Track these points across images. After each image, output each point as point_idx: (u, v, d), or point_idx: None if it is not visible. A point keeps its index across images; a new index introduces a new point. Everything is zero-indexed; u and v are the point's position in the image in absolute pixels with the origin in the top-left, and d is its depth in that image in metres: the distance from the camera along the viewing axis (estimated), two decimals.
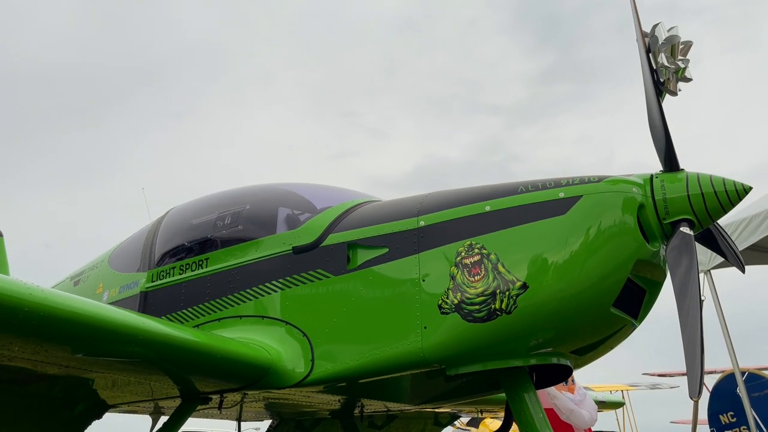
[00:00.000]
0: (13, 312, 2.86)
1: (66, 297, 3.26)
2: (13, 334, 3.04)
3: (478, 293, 3.63)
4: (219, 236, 4.89)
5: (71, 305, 3.20)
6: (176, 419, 4.42)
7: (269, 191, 5.20)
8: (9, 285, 2.91)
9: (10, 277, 2.99)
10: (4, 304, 2.83)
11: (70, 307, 3.17)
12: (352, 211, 4.46)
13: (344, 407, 5.52)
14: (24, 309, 2.89)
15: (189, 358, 3.84)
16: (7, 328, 2.95)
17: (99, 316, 3.38)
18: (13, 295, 2.87)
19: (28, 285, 3.00)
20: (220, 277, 4.70)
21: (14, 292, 2.89)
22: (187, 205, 5.56)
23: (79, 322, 3.23)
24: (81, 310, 3.26)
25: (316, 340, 4.06)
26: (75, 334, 3.27)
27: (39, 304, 2.95)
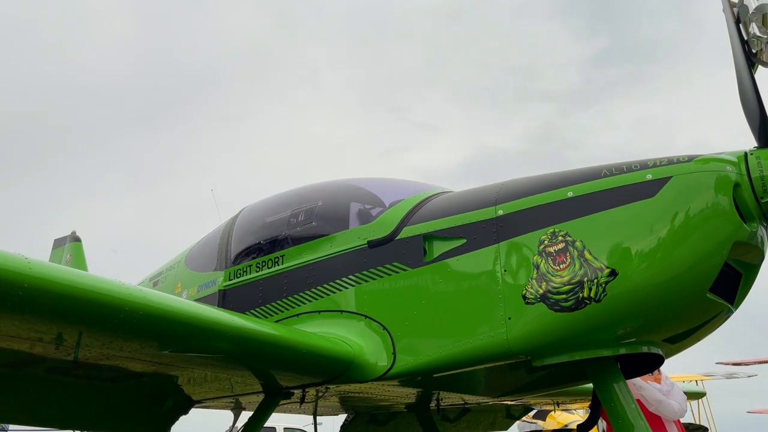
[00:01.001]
0: (116, 311, 2.96)
1: (160, 295, 3.36)
2: (113, 332, 3.15)
3: (565, 282, 3.53)
4: (293, 233, 4.94)
5: (166, 303, 3.29)
6: (260, 414, 4.50)
7: (340, 187, 5.22)
8: (110, 285, 3.02)
9: (111, 279, 3.10)
10: (108, 303, 2.94)
11: (164, 305, 3.26)
12: (425, 203, 4.42)
13: (420, 401, 5.50)
14: (125, 308, 2.99)
15: (272, 352, 3.88)
16: (109, 326, 3.06)
17: (188, 313, 3.45)
18: (114, 295, 2.97)
19: (128, 285, 3.10)
20: (296, 273, 4.75)
21: (115, 292, 2.99)
22: (259, 204, 5.65)
23: (171, 319, 3.31)
24: (174, 308, 3.34)
25: (396, 334, 4.04)
26: (166, 330, 3.34)
27: (137, 303, 3.05)
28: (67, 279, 2.85)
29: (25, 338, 3.17)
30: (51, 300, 2.79)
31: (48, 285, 2.75)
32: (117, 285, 3.07)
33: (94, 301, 2.92)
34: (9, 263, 2.65)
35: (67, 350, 3.33)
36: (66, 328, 3.05)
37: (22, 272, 2.67)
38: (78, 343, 3.15)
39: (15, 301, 2.68)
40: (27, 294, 2.68)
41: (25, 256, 2.74)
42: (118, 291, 3.02)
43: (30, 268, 2.70)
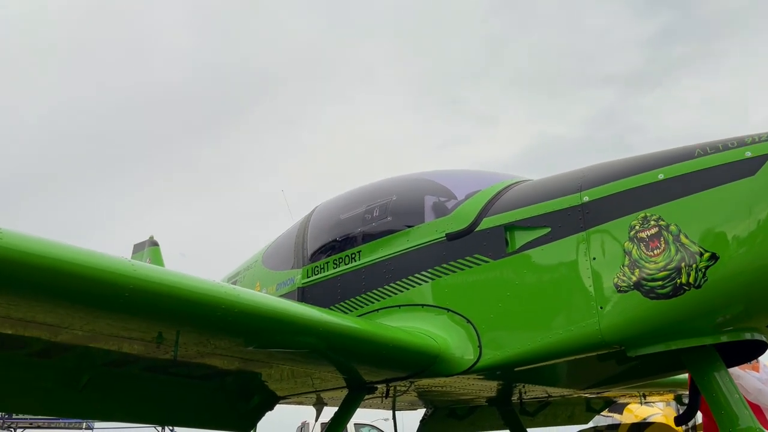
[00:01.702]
0: (213, 309, 3.04)
1: (251, 293, 3.44)
2: (209, 329, 3.24)
3: (660, 268, 3.38)
4: (369, 229, 4.96)
5: (257, 300, 3.36)
6: (345, 410, 4.54)
7: (413, 181, 5.20)
8: (208, 285, 3.11)
9: (207, 279, 3.18)
10: (206, 302, 3.02)
11: (256, 302, 3.33)
12: (504, 193, 4.34)
13: (503, 394, 5.42)
14: (221, 306, 3.07)
15: (357, 347, 3.90)
16: (206, 324, 3.15)
17: (278, 309, 3.50)
18: (211, 294, 3.06)
19: (223, 284, 3.19)
20: (374, 268, 4.76)
21: (212, 291, 3.08)
22: (332, 201, 5.70)
23: (262, 316, 3.36)
24: (264, 304, 3.41)
25: (481, 326, 3.99)
26: (257, 326, 3.39)
27: (232, 302, 3.12)
28: (169, 280, 2.95)
29: (128, 338, 3.31)
30: (154, 300, 2.89)
31: (152, 286, 2.85)
32: (214, 284, 3.16)
33: (194, 300, 3.01)
34: (116, 266, 2.76)
35: (166, 349, 3.45)
36: (166, 327, 3.16)
37: (128, 274, 2.77)
38: (176, 341, 3.25)
39: (122, 302, 2.79)
40: (132, 295, 2.79)
41: (130, 260, 2.85)
42: (215, 290, 3.11)
43: (135, 270, 2.81)
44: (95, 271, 2.69)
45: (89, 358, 3.79)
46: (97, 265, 2.71)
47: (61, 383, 4.08)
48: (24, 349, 3.58)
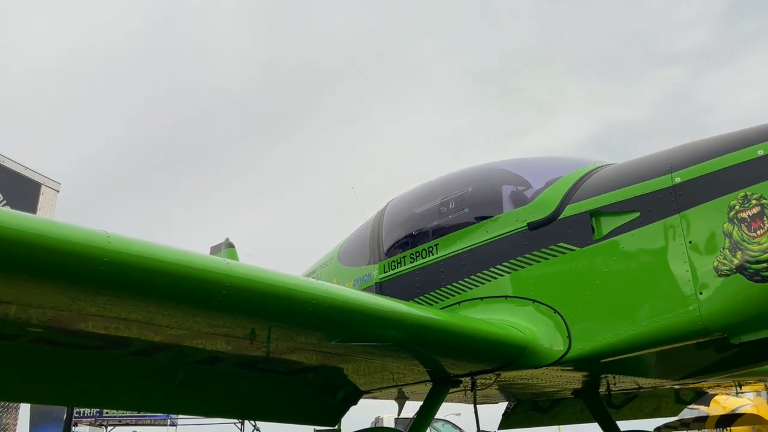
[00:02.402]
0: (304, 305, 3.09)
1: (338, 288, 3.47)
2: (301, 325, 3.29)
3: (764, 249, 3.19)
4: (445, 222, 4.92)
5: (344, 295, 3.39)
6: (430, 403, 4.52)
7: (488, 171, 5.12)
8: (300, 281, 3.17)
9: (297, 276, 3.24)
10: (298, 298, 3.07)
11: (344, 297, 3.35)
12: (586, 179, 4.20)
13: (590, 386, 5.27)
14: (312, 302, 3.11)
15: (442, 339, 3.87)
16: (298, 319, 3.20)
17: (365, 303, 3.52)
18: (303, 290, 3.11)
19: (312, 281, 3.23)
20: (452, 261, 4.72)
21: (303, 287, 3.13)
22: (404, 195, 5.70)
23: (350, 309, 3.39)
24: (351, 299, 3.43)
25: (570, 317, 3.89)
26: (345, 320, 3.41)
27: (322, 297, 3.16)
28: (262, 277, 3.01)
29: (223, 335, 3.41)
30: (248, 297, 2.96)
31: (246, 284, 2.92)
32: (305, 280, 3.21)
33: (287, 296, 3.06)
34: (213, 266, 2.85)
35: (258, 345, 3.54)
36: (259, 324, 3.23)
37: (224, 273, 2.85)
38: (268, 337, 3.32)
39: (219, 300, 2.87)
40: (229, 293, 2.86)
41: (225, 259, 2.93)
42: (306, 286, 3.16)
43: (230, 268, 2.88)
44: (195, 270, 2.77)
45: (185, 355, 3.93)
46: (197, 264, 2.80)
47: (158, 381, 4.26)
48: (125, 348, 3.75)
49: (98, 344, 3.66)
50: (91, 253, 2.52)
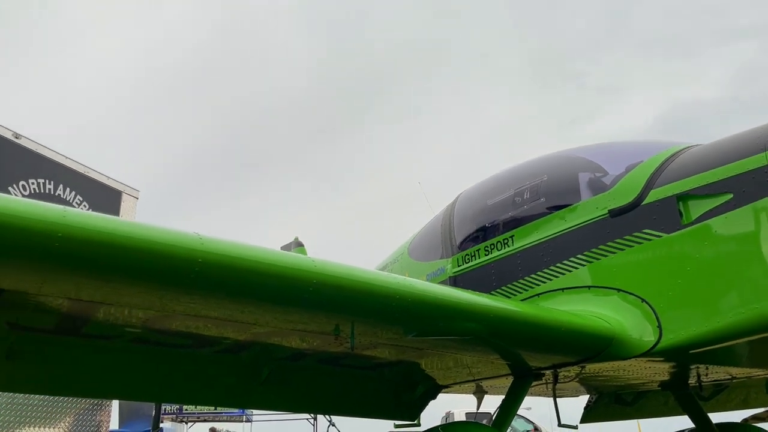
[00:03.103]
0: (388, 300, 3.10)
1: (420, 282, 3.46)
2: (384, 320, 3.30)
3: None
4: (520, 212, 4.83)
5: (426, 288, 3.38)
6: (513, 398, 4.45)
7: (562, 159, 5.00)
8: (382, 277, 3.18)
9: (377, 271, 3.26)
10: (381, 293, 3.09)
11: (425, 291, 3.35)
12: (670, 161, 4.03)
13: (679, 377, 5.06)
14: (396, 296, 3.12)
15: (524, 332, 3.80)
16: (381, 315, 3.21)
17: (446, 296, 3.49)
18: (386, 285, 3.12)
19: (394, 276, 3.24)
20: (530, 252, 4.64)
21: (386, 282, 3.15)
22: (475, 188, 5.63)
23: (432, 303, 3.37)
24: (432, 292, 3.42)
25: (659, 306, 3.74)
26: (424, 314, 3.39)
27: (406, 291, 3.16)
28: (347, 273, 3.04)
29: (308, 331, 3.47)
30: (334, 294, 3.00)
31: (331, 280, 2.96)
32: (387, 276, 3.23)
33: (371, 291, 3.08)
34: (301, 264, 2.90)
35: (342, 341, 3.58)
36: (343, 320, 3.27)
37: (310, 270, 2.90)
38: (352, 333, 3.35)
39: (306, 297, 2.92)
40: (316, 290, 2.90)
41: (311, 257, 2.97)
42: (390, 281, 3.17)
43: (315, 265, 2.92)
44: (284, 269, 2.83)
45: (269, 352, 4.03)
46: (286, 263, 2.86)
47: (243, 377, 4.39)
48: (213, 346, 3.88)
49: (189, 343, 3.81)
50: (186, 255, 2.61)
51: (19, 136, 7.23)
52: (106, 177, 8.39)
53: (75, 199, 7.90)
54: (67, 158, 7.88)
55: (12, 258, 2.38)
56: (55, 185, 7.66)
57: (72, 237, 2.38)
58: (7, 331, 3.44)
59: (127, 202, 8.48)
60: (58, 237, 2.34)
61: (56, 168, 7.73)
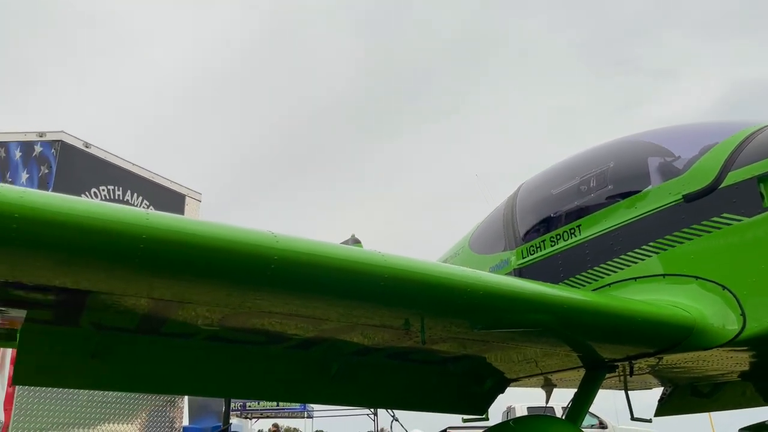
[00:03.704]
0: (460, 293, 3.08)
1: (490, 275, 3.42)
2: (454, 313, 3.28)
3: None
4: (587, 201, 4.71)
5: (497, 281, 3.34)
6: (585, 391, 4.35)
7: (629, 144, 4.84)
8: (451, 270, 3.16)
9: (445, 264, 3.24)
10: (451, 287, 3.07)
11: (496, 283, 3.30)
12: (748, 142, 3.84)
13: (760, 367, 4.82)
14: (467, 290, 3.09)
15: (598, 323, 3.69)
16: (451, 308, 3.19)
17: (518, 288, 3.43)
18: (455, 279, 3.10)
19: (462, 268, 3.21)
20: (598, 242, 4.51)
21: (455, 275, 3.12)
22: (537, 177, 5.53)
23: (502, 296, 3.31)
24: (503, 284, 3.36)
25: (742, 293, 3.57)
26: (495, 306, 3.33)
27: (476, 284, 3.12)
28: (417, 267, 3.03)
29: (379, 326, 3.48)
30: (404, 288, 2.99)
31: (402, 274, 2.95)
32: (458, 269, 3.20)
33: (442, 285, 3.07)
34: (370, 258, 2.91)
35: (411, 335, 3.58)
36: (413, 314, 3.26)
37: (381, 264, 2.90)
38: (422, 327, 3.34)
39: (378, 291, 2.93)
40: (387, 284, 2.91)
41: (379, 251, 2.98)
42: (460, 274, 3.14)
43: (386, 260, 2.93)
44: (357, 264, 2.84)
45: (339, 348, 4.07)
46: (358, 259, 2.87)
47: (313, 373, 4.45)
48: (285, 342, 3.95)
49: (261, 340, 3.89)
50: (262, 253, 2.65)
51: (89, 145, 7.56)
52: (170, 181, 8.68)
53: (142, 203, 8.21)
54: (133, 165, 8.20)
55: (99, 260, 2.47)
56: (124, 191, 7.98)
57: (155, 238, 2.46)
58: (92, 332, 3.60)
59: (190, 205, 8.76)
60: (142, 239, 2.42)
61: (124, 174, 8.05)
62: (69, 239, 2.33)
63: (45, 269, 2.52)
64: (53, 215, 2.30)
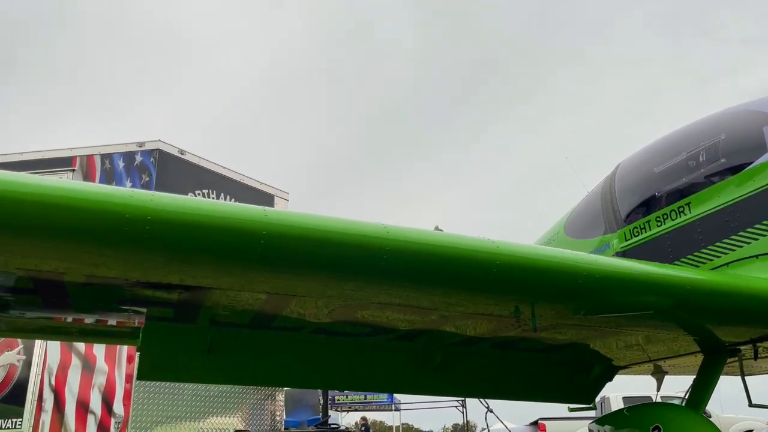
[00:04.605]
0: (575, 277, 2.98)
1: (603, 258, 3.30)
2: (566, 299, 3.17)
3: None
4: (697, 177, 4.45)
5: (614, 264, 3.21)
6: (706, 377, 4.11)
7: (739, 114, 4.53)
8: (569, 255, 3.07)
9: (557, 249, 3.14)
10: (568, 272, 2.97)
11: (612, 266, 3.17)
12: None
13: None
14: (582, 274, 2.98)
15: (720, 304, 3.45)
16: (566, 293, 3.09)
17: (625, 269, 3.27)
18: (573, 263, 3.00)
19: (578, 253, 3.11)
20: (711, 219, 4.25)
21: (573, 260, 3.03)
22: (638, 155, 5.28)
23: (617, 278, 3.17)
24: (619, 267, 3.23)
25: None
26: (610, 289, 3.19)
27: (591, 269, 3.01)
28: (530, 253, 2.97)
29: (486, 315, 3.43)
30: (517, 275, 2.93)
31: (515, 260, 2.89)
32: (572, 253, 3.10)
33: (556, 270, 2.98)
34: (482, 245, 2.86)
35: (519, 323, 3.51)
36: (524, 301, 3.18)
37: (493, 251, 2.85)
38: (533, 314, 3.26)
39: (490, 278, 2.87)
40: (500, 270, 2.85)
41: (491, 239, 2.92)
42: (574, 259, 3.04)
43: (497, 246, 2.87)
44: (468, 251, 2.81)
45: (443, 338, 4.05)
46: (468, 246, 2.83)
47: (416, 363, 4.45)
48: (390, 333, 3.97)
49: (366, 331, 3.93)
50: (374, 244, 2.66)
51: (184, 152, 7.91)
52: (259, 182, 8.95)
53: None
54: (224, 168, 8.51)
55: (223, 258, 2.56)
56: (217, 194, 8.30)
57: (274, 234, 2.52)
58: (208, 328, 3.76)
59: (279, 204, 8.99)
60: (262, 234, 2.48)
61: (216, 178, 8.37)
62: (197, 238, 2.43)
63: (173, 268, 2.64)
64: (181, 216, 2.40)
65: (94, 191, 2.34)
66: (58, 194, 2.17)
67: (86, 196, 2.24)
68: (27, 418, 6.83)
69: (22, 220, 2.14)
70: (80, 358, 7.11)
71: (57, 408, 6.93)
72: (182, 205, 2.45)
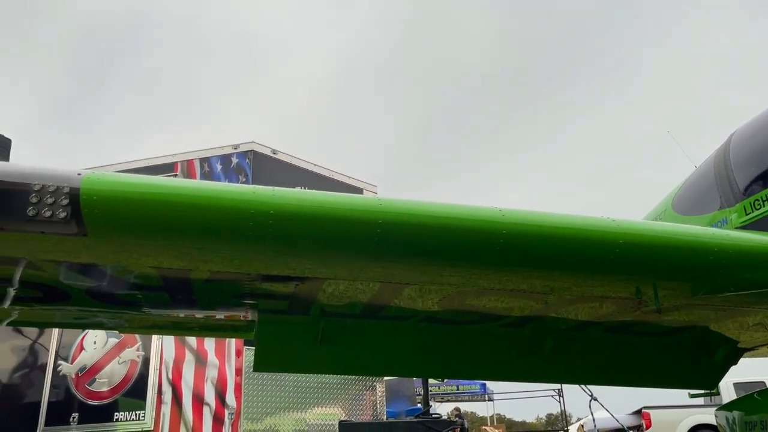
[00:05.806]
0: (706, 254, 2.81)
1: (738, 232, 3.08)
2: (694, 278, 2.99)
3: None
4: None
5: (752, 239, 2.99)
6: None
7: None
8: (696, 230, 2.89)
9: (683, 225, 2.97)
10: (697, 248, 2.81)
11: (752, 241, 2.96)
12: None
13: None
14: (714, 250, 2.80)
15: None
16: (693, 272, 2.92)
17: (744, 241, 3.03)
18: (703, 239, 2.83)
19: (707, 228, 2.93)
20: None
21: (701, 235, 2.85)
22: (753, 123, 4.90)
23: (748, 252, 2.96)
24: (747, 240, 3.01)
25: None
26: (737, 265, 2.98)
27: (725, 244, 2.83)
28: (650, 230, 2.82)
29: (605, 297, 3.30)
30: (642, 254, 2.79)
31: (639, 239, 2.76)
32: (694, 228, 2.93)
33: (682, 247, 2.82)
34: (602, 225, 2.75)
35: (644, 305, 3.35)
36: (644, 281, 3.03)
37: (613, 230, 2.73)
38: (656, 294, 3.10)
39: (612, 258, 2.76)
40: (622, 250, 2.73)
41: (608, 217, 2.80)
42: (701, 233, 2.87)
43: (618, 225, 2.75)
44: (589, 232, 2.71)
45: (555, 323, 3.94)
46: (588, 226, 2.73)
47: (526, 350, 4.36)
48: (498, 321, 3.90)
49: (475, 318, 3.88)
50: (491, 228, 2.62)
51: (276, 151, 8.14)
52: (348, 177, 9.08)
53: None
54: (314, 165, 8.70)
55: (341, 248, 2.60)
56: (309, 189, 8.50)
57: (389, 222, 2.53)
58: (319, 319, 3.85)
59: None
60: (378, 223, 2.50)
61: (307, 175, 8.57)
62: (316, 230, 2.48)
63: (292, 260, 2.71)
64: (301, 209, 2.46)
65: (223, 190, 2.43)
66: (192, 194, 2.28)
67: (217, 195, 2.33)
68: (149, 410, 7.29)
69: (165, 221, 2.25)
70: (193, 354, 7.51)
71: (175, 401, 7.35)
72: (301, 199, 2.50)
